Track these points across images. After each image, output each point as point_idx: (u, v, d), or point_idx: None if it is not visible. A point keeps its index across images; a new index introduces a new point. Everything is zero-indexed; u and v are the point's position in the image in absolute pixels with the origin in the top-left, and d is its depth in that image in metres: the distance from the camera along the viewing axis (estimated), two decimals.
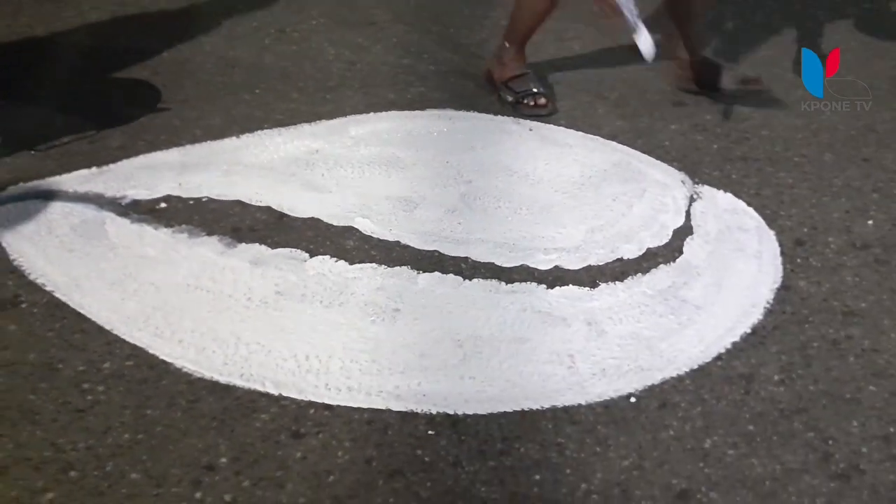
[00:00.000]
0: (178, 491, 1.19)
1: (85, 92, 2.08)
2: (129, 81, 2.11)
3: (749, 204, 1.84)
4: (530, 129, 2.04)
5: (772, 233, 1.77)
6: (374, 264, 1.61)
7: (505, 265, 1.63)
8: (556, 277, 1.62)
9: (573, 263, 1.65)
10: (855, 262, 1.73)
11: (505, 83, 2.10)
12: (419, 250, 1.65)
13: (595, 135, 2.03)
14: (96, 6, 2.48)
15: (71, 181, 1.77)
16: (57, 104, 2.02)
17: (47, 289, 1.50)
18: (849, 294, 1.64)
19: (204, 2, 2.55)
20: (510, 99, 2.08)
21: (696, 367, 1.45)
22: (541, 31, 2.17)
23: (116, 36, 2.36)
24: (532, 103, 2.05)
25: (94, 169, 1.80)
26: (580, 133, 2.04)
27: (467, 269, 1.63)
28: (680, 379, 1.43)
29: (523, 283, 1.60)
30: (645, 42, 1.72)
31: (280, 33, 2.38)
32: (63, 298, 1.49)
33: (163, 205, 1.72)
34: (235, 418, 1.30)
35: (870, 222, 1.84)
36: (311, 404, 1.33)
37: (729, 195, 1.86)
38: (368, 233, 1.68)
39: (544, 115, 2.05)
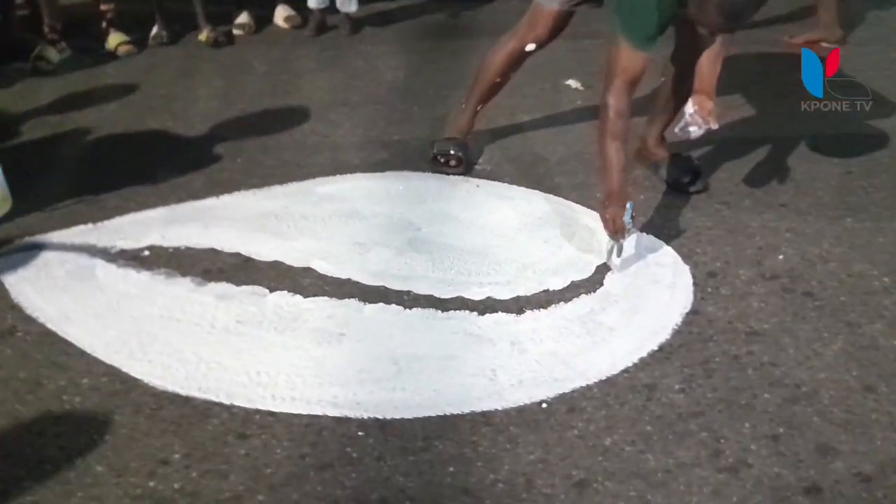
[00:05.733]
0: (135, 480, 1.37)
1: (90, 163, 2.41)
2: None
3: (668, 244, 2.05)
4: (477, 186, 2.30)
5: (686, 267, 1.97)
6: (326, 297, 1.83)
7: (442, 296, 1.84)
8: (487, 306, 1.82)
9: (503, 294, 1.85)
10: (762, 290, 1.91)
11: (438, 140, 2.39)
12: (367, 286, 1.87)
13: (535, 189, 2.28)
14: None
15: (69, 235, 2.04)
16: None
17: (40, 321, 1.74)
18: (753, 317, 1.82)
19: (199, 87, 2.91)
20: (432, 152, 2.36)
21: (604, 378, 1.62)
22: (495, 105, 2.47)
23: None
24: (443, 161, 2.33)
25: (90, 225, 2.08)
26: (522, 188, 2.29)
27: (409, 300, 1.84)
28: (588, 388, 1.60)
29: (457, 311, 1.80)
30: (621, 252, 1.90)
31: (263, 114, 2.71)
32: (53, 328, 1.72)
33: (146, 252, 1.98)
34: (191, 423, 1.49)
35: (780, 257, 2.03)
36: (257, 411, 1.52)
37: (650, 236, 2.08)
38: (323, 272, 1.91)
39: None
